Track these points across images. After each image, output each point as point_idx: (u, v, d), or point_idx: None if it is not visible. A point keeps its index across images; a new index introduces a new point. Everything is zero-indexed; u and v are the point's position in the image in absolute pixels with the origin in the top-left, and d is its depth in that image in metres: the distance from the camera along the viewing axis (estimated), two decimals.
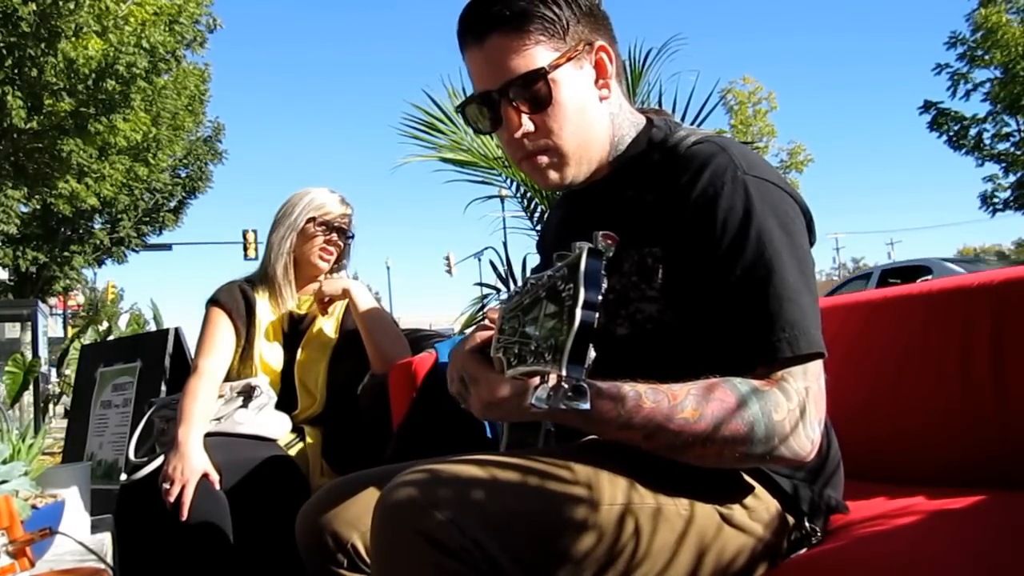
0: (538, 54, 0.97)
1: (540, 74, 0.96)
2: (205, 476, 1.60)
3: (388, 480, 0.86)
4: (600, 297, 0.68)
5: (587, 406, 0.67)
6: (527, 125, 0.99)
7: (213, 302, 2.00)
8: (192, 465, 1.61)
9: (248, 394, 1.86)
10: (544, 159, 1.01)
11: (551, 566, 0.83)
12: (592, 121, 1.01)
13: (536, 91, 0.97)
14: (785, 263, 0.89)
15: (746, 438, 0.83)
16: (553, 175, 1.02)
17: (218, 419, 1.81)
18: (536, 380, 0.72)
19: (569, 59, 0.98)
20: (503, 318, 0.79)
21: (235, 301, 1.99)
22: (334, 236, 2.02)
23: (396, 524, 0.81)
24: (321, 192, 2.06)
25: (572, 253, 0.71)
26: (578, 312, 0.66)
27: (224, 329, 1.95)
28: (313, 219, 2.00)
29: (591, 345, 0.67)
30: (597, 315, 0.67)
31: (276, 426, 1.86)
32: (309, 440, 1.90)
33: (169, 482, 1.58)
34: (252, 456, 1.71)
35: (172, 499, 1.56)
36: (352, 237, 2.08)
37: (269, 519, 1.61)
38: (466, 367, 0.87)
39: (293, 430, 1.91)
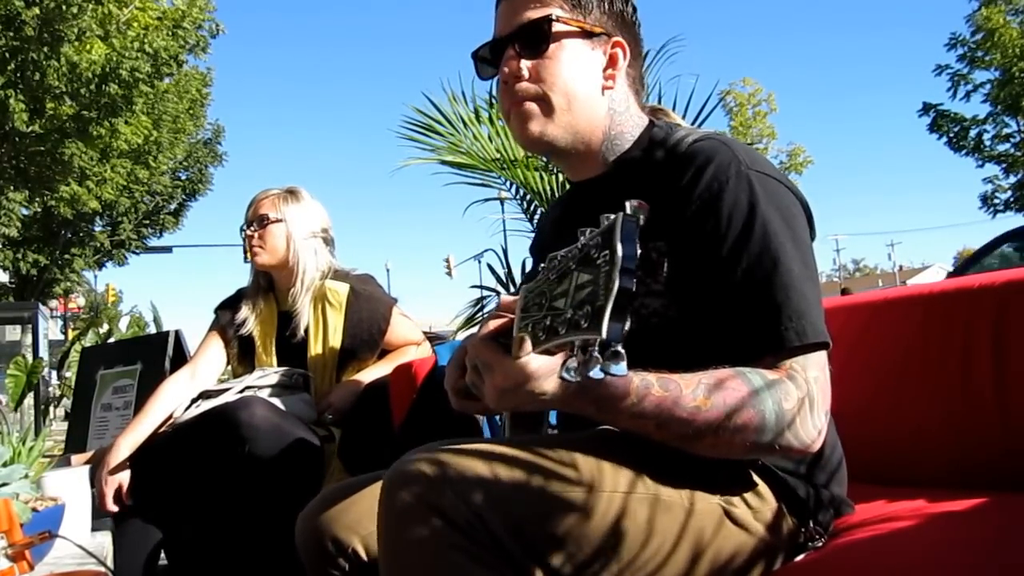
0: (552, 10, 1.03)
1: (546, 21, 1.02)
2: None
3: None
4: (637, 259, 0.66)
5: (624, 371, 0.66)
6: (522, 69, 1.03)
7: (216, 309, 2.14)
8: (109, 468, 1.76)
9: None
10: (531, 106, 1.04)
11: (550, 547, 0.83)
12: (586, 96, 1.04)
13: (538, 37, 1.02)
14: (790, 255, 0.91)
15: (757, 427, 0.83)
16: (534, 127, 1.04)
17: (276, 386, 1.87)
18: (561, 357, 0.71)
19: (580, 30, 1.03)
20: (526, 298, 0.77)
21: (232, 310, 2.09)
22: (250, 230, 2.03)
23: (408, 494, 0.81)
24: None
25: (600, 226, 0.69)
26: (616, 273, 0.65)
27: (213, 341, 2.08)
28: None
29: (629, 310, 0.65)
30: (636, 277, 0.65)
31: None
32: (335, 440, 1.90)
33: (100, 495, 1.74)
34: (293, 432, 1.70)
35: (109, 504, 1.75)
36: (273, 221, 2.01)
37: (282, 505, 1.60)
38: (481, 354, 0.83)
39: (324, 429, 1.90)
